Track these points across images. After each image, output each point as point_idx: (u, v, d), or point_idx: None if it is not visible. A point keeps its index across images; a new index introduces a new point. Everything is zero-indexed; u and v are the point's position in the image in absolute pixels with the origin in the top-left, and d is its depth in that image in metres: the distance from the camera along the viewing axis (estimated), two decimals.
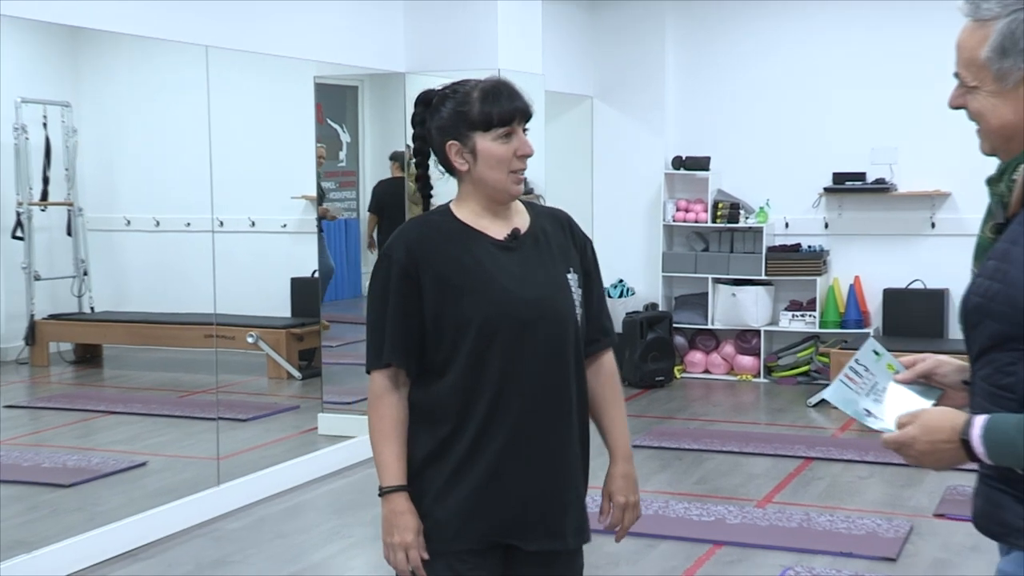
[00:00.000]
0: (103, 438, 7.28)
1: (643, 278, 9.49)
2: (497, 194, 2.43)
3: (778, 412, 8.11)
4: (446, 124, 2.41)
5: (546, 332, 2.40)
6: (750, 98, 9.26)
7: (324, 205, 8.43)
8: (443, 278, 2.37)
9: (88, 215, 9.14)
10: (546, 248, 2.48)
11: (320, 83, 7.74)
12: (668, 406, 8.33)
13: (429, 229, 2.43)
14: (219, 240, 8.92)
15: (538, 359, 2.39)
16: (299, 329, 8.71)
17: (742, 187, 9.24)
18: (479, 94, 2.39)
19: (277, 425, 7.55)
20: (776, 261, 8.97)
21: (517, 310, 2.37)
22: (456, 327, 2.36)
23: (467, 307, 2.36)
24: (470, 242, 2.42)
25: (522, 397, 2.38)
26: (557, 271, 2.46)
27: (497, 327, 2.36)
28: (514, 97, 2.39)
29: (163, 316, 8.86)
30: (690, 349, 9.35)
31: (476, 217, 2.45)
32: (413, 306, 2.38)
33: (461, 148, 2.40)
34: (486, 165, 2.39)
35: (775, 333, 9.15)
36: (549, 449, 2.42)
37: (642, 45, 9.42)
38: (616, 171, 9.57)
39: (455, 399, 2.38)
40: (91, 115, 9.14)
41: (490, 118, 2.37)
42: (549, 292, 2.43)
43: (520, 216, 2.50)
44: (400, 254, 2.40)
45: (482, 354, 2.36)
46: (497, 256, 2.42)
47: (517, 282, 2.40)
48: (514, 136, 2.39)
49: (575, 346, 2.46)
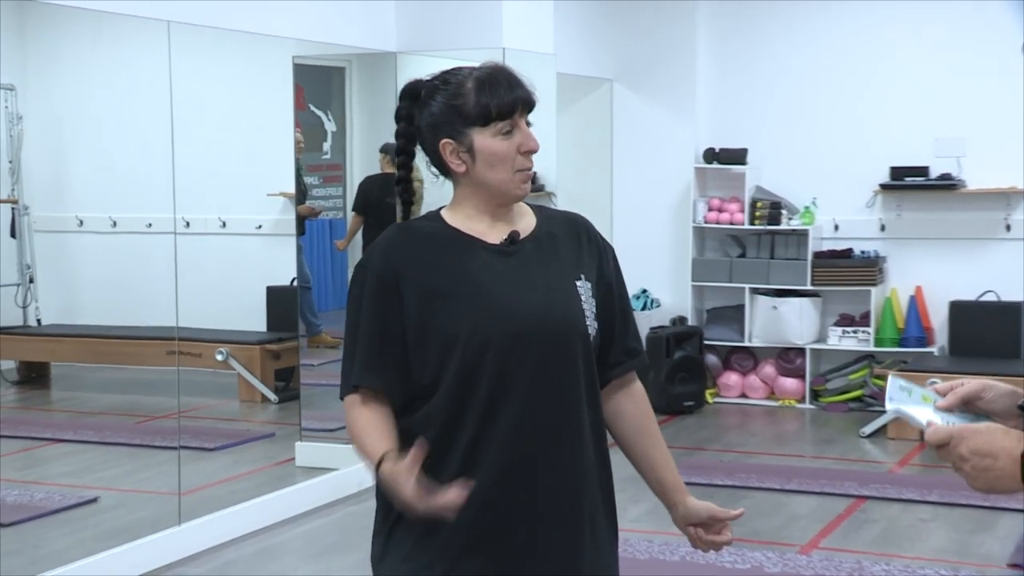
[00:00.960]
0: (49, 470, 7.25)
1: (670, 288, 9.46)
2: (501, 197, 2.40)
3: (826, 443, 8.07)
4: (438, 120, 2.37)
5: (548, 347, 2.35)
6: (794, 81, 9.22)
7: (307, 202, 8.40)
8: (426, 287, 2.34)
9: (35, 214, 9.11)
10: (550, 251, 2.44)
11: (301, 64, 7.73)
12: (699, 436, 8.29)
13: (412, 235, 2.40)
14: (184, 243, 8.91)
15: (538, 380, 2.33)
16: (275, 345, 8.69)
17: (784, 183, 9.21)
18: (474, 84, 2.35)
19: (248, 455, 7.53)
20: (824, 269, 8.94)
21: (512, 321, 2.33)
22: (442, 343, 2.32)
23: (454, 319, 2.32)
24: (460, 249, 2.38)
25: (515, 430, 2.32)
26: (563, 277, 2.42)
27: (489, 341, 2.31)
28: (514, 85, 2.36)
29: (120, 330, 8.84)
30: (724, 370, 9.32)
31: (470, 222, 2.41)
32: (391, 321, 2.34)
33: (457, 147, 2.37)
34: (486, 165, 2.36)
35: (823, 352, 9.10)
36: (556, 506, 2.35)
37: (669, 21, 9.40)
38: (639, 165, 9.54)
39: (437, 423, 2.32)
40: (39, 100, 9.11)
41: (488, 111, 2.33)
42: (551, 300, 2.38)
43: (524, 219, 2.47)
44: (377, 263, 2.37)
45: (472, 373, 2.31)
46: (491, 262, 2.38)
47: (513, 289, 2.36)
48: (516, 130, 2.36)
49: (586, 365, 2.40)
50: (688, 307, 9.36)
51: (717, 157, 9.25)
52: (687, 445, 8.00)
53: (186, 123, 8.16)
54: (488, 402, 2.32)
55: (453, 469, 2.31)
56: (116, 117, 9.13)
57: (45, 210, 9.19)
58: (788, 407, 9.06)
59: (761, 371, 9.23)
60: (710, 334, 9.27)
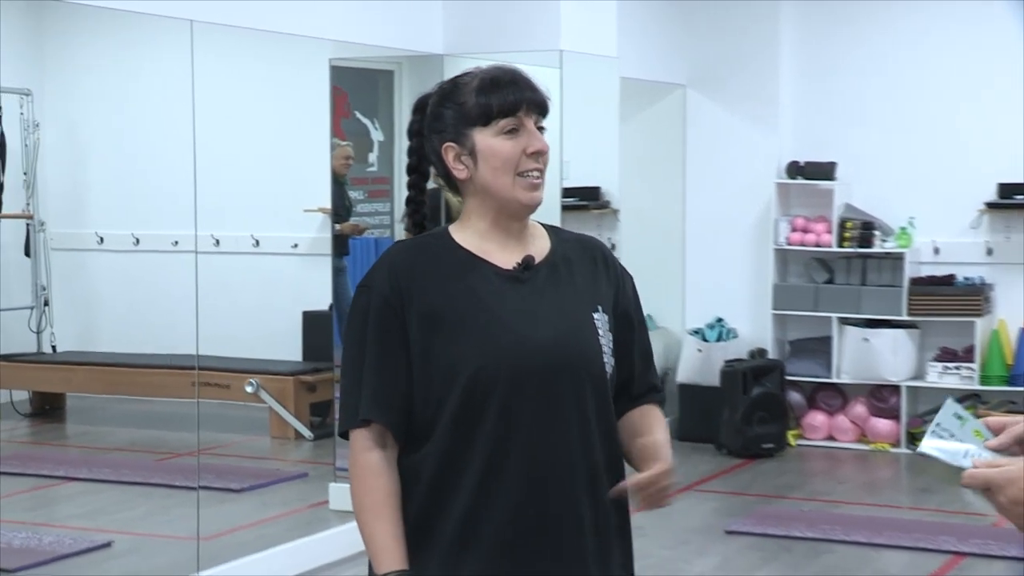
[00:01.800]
0: (60, 511, 7.35)
1: (748, 317, 9.44)
2: (506, 205, 2.43)
3: (922, 493, 8.00)
4: (441, 124, 2.44)
5: (561, 384, 2.38)
6: (889, 86, 9.18)
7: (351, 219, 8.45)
8: (431, 315, 2.38)
9: (51, 230, 9.27)
10: (567, 280, 2.47)
11: (344, 67, 7.79)
12: (778, 482, 8.24)
13: (419, 254, 2.44)
14: (213, 263, 9.05)
15: (548, 421, 2.37)
16: (311, 376, 8.76)
17: (877, 201, 9.15)
18: (477, 83, 2.42)
19: (278, 497, 7.58)
20: (922, 297, 8.88)
21: (523, 355, 2.36)
22: (445, 377, 2.36)
23: (459, 350, 2.36)
24: (468, 272, 2.42)
25: (523, 476, 2.36)
26: (579, 308, 2.45)
27: (496, 377, 2.35)
28: (520, 85, 2.42)
29: (142, 358, 8.95)
30: (809, 409, 9.27)
31: (480, 241, 2.45)
32: (397, 349, 2.38)
33: (459, 150, 2.42)
34: (488, 167, 2.41)
35: (920, 390, 9.03)
36: (571, 557, 2.39)
37: (749, 21, 9.39)
38: (715, 179, 9.54)
39: (437, 467, 2.37)
40: (56, 106, 9.28)
41: (489, 109, 2.39)
42: (564, 333, 2.41)
43: (538, 242, 2.50)
44: (382, 284, 2.40)
45: (475, 412, 2.35)
46: (501, 289, 2.41)
47: (524, 321, 2.39)
48: (522, 130, 2.41)
49: (600, 405, 2.43)
50: (768, 338, 9.31)
51: (802, 171, 9.22)
52: (764, 492, 7.95)
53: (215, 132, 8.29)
54: (494, 443, 2.35)
55: (458, 514, 2.36)
56: (140, 125, 9.27)
57: (62, 226, 9.35)
58: (880, 451, 8.98)
59: (850, 411, 9.16)
60: (793, 369, 9.21)
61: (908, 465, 8.71)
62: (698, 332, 9.43)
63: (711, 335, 9.36)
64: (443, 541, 2.36)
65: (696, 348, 9.33)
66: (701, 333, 9.42)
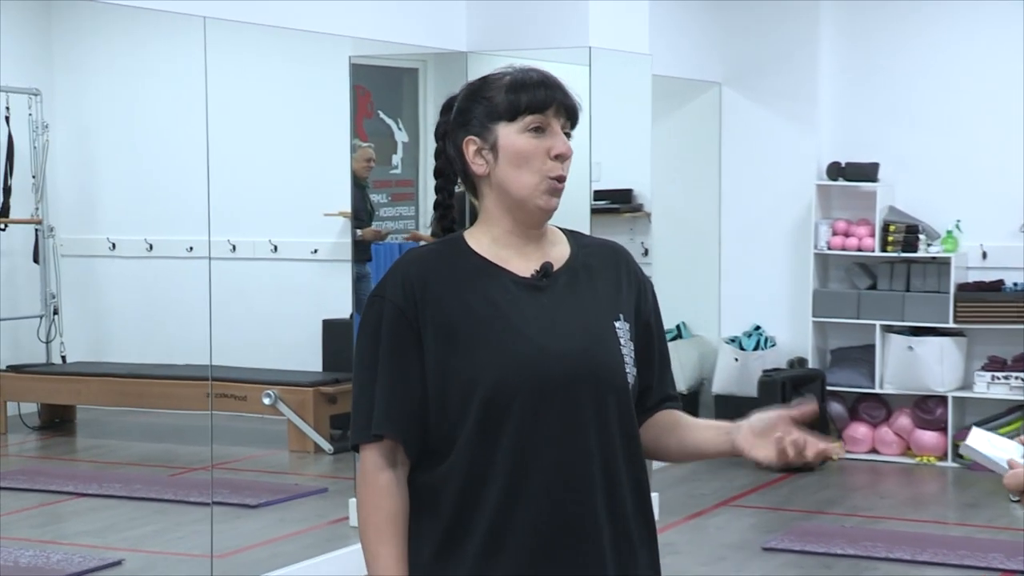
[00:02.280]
0: (69, 528, 7.36)
1: (787, 324, 9.42)
2: (522, 207, 2.42)
3: (970, 508, 7.97)
4: (465, 117, 2.44)
5: (582, 396, 2.38)
6: (933, 84, 9.16)
7: (374, 224, 8.45)
8: (447, 326, 2.37)
9: (61, 236, 9.29)
10: (587, 288, 2.47)
11: (366, 65, 7.79)
12: (818, 497, 8.22)
13: (433, 262, 2.43)
14: (229, 270, 9.06)
15: (571, 435, 2.36)
16: (331, 387, 8.76)
17: (922, 203, 9.13)
18: (508, 80, 2.42)
19: (296, 513, 7.59)
20: (969, 304, 8.85)
21: (543, 367, 2.36)
22: (463, 390, 2.35)
23: (477, 364, 2.35)
24: (484, 281, 2.41)
25: (546, 494, 2.36)
26: (600, 317, 2.45)
27: (516, 390, 2.34)
28: (552, 86, 2.42)
29: (155, 369, 8.96)
30: (851, 421, 9.24)
31: (496, 247, 2.45)
32: (412, 360, 2.38)
33: (481, 145, 2.42)
34: (509, 163, 2.40)
35: (968, 401, 9.00)
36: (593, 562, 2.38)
37: (788, 16, 9.38)
38: (752, 181, 9.52)
39: (458, 485, 2.36)
40: (66, 106, 9.31)
41: (517, 104, 2.39)
42: (586, 343, 2.41)
43: (557, 247, 2.50)
44: (395, 293, 2.40)
45: (495, 426, 2.34)
46: (519, 298, 2.41)
47: (544, 331, 2.39)
48: (548, 130, 2.41)
49: (624, 417, 2.43)
50: (808, 347, 9.29)
51: (843, 172, 9.19)
52: (804, 508, 7.93)
53: (231, 133, 8.30)
54: (516, 457, 2.35)
55: (479, 536, 2.35)
56: (153, 126, 9.29)
57: (72, 232, 9.37)
58: (926, 465, 8.95)
59: (894, 423, 9.12)
60: (834, 379, 9.19)
61: (954, 479, 8.67)
62: (735, 340, 9.41)
63: (748, 344, 9.33)
64: (467, 557, 2.36)
65: (732, 357, 9.30)
66: (738, 341, 9.39)
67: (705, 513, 7.77)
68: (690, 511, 7.74)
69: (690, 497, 8.14)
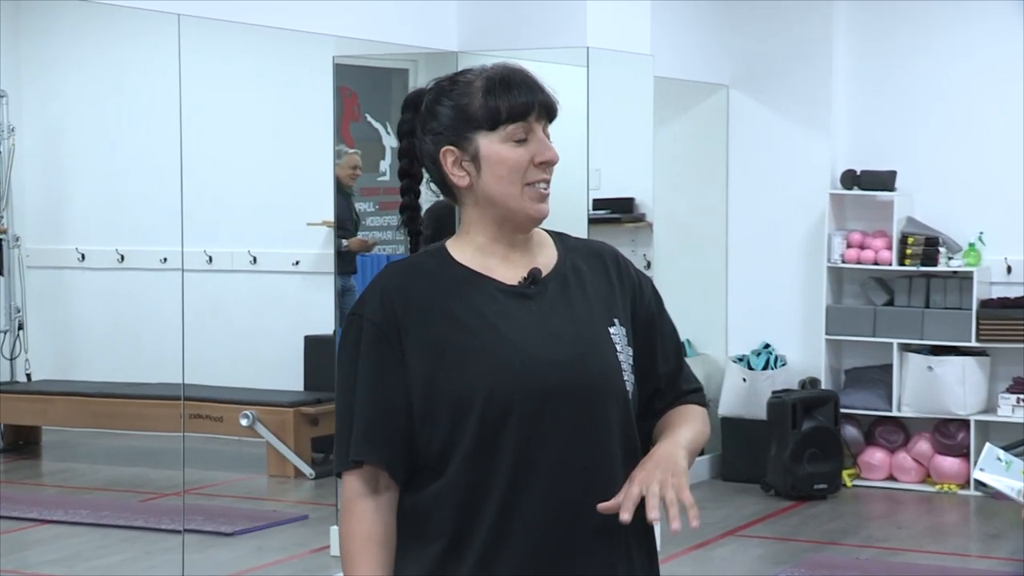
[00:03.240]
0: (33, 557, 7.35)
1: (798, 342, 9.43)
2: (511, 217, 2.45)
3: (993, 539, 7.98)
4: (440, 125, 2.46)
5: (581, 405, 2.41)
6: (954, 88, 9.17)
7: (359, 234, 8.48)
8: (432, 342, 2.40)
9: (27, 246, 9.32)
10: (578, 293, 2.49)
11: (351, 66, 7.82)
12: (831, 526, 8.22)
13: (414, 276, 2.46)
14: (206, 283, 9.10)
15: (569, 449, 2.39)
16: (313, 408, 8.78)
17: (943, 214, 9.14)
18: (483, 83, 2.44)
19: (275, 541, 7.59)
20: (993, 321, 8.86)
21: (538, 377, 2.39)
22: (453, 407, 2.38)
23: (467, 378, 2.38)
24: (470, 291, 2.44)
25: (544, 510, 2.39)
26: (593, 323, 2.48)
27: (512, 402, 2.37)
28: (532, 87, 2.44)
29: (125, 388, 8.97)
30: (867, 445, 9.24)
31: (480, 256, 2.47)
32: (394, 381, 2.41)
33: (460, 155, 2.44)
34: (492, 175, 2.43)
35: (991, 425, 8.99)
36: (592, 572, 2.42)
37: (800, 16, 9.38)
38: (761, 190, 9.53)
39: (452, 505, 2.40)
40: (33, 109, 9.35)
41: (497, 112, 2.41)
42: (580, 352, 2.44)
43: (544, 251, 2.52)
44: (373, 311, 2.43)
45: (493, 440, 2.38)
46: (507, 307, 2.44)
47: (535, 340, 2.42)
48: (531, 137, 2.43)
49: (623, 429, 2.46)
50: (821, 367, 9.29)
51: (858, 181, 9.20)
52: (816, 538, 7.93)
53: (208, 138, 8.33)
54: (512, 477, 2.38)
55: (472, 557, 2.39)
56: (126, 130, 9.32)
57: (39, 241, 9.39)
58: (947, 493, 8.95)
59: (913, 448, 9.13)
60: (849, 401, 9.19)
61: (977, 508, 8.67)
62: (742, 359, 9.42)
63: (757, 363, 9.34)
64: (466, 566, 2.40)
65: (740, 377, 9.31)
66: (746, 361, 9.40)
67: (709, 543, 7.78)
68: (693, 541, 7.74)
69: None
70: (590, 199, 7.38)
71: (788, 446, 8.76)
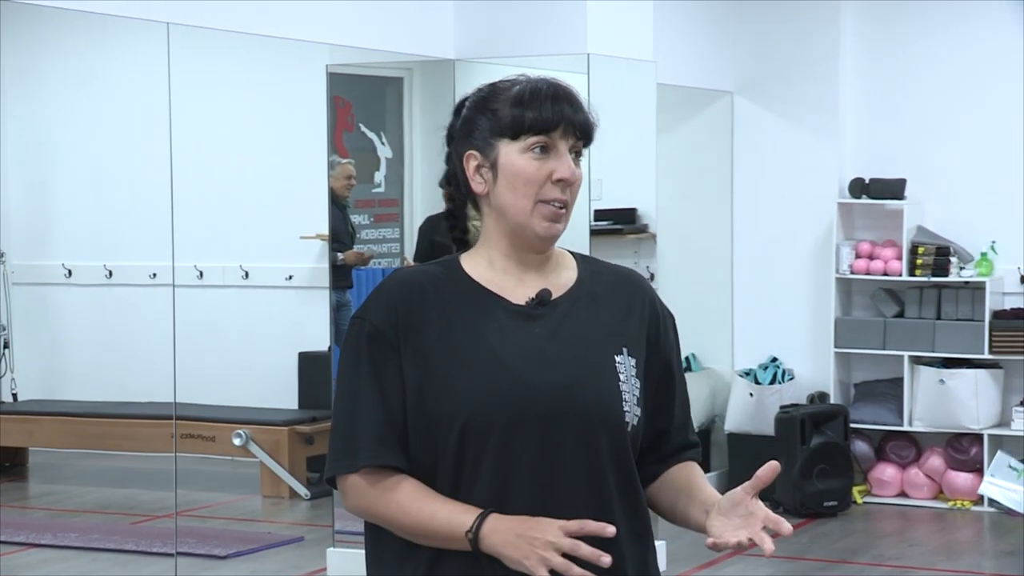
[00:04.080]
0: None
1: (806, 356, 9.42)
2: (522, 232, 2.43)
3: (1007, 556, 7.96)
4: (469, 128, 2.46)
5: (565, 433, 2.38)
6: (965, 94, 9.17)
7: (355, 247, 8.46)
8: (425, 355, 2.39)
9: (12, 262, 9.31)
10: (588, 317, 2.47)
11: (345, 74, 7.82)
12: (842, 544, 8.21)
13: (422, 285, 2.45)
14: (197, 298, 9.09)
15: (553, 475, 2.37)
16: (308, 427, 8.77)
17: (954, 223, 9.14)
18: (517, 91, 2.43)
19: (270, 564, 7.57)
20: (1006, 332, 8.85)
21: (520, 401, 2.37)
22: (436, 425, 2.37)
23: (452, 397, 2.37)
24: (473, 308, 2.43)
25: None
26: (599, 349, 2.45)
27: (490, 426, 2.35)
28: (562, 101, 2.42)
29: (114, 408, 8.97)
30: (877, 461, 9.24)
31: (492, 272, 2.46)
32: (394, 386, 2.40)
33: (482, 161, 2.44)
34: (507, 185, 2.42)
35: (1006, 439, 8.95)
36: None
37: (806, 22, 9.38)
38: (767, 199, 9.53)
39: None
40: (18, 120, 9.34)
41: (521, 121, 2.40)
42: (575, 378, 2.41)
43: (562, 274, 2.51)
44: (376, 315, 2.42)
45: (473, 461, 2.36)
46: (508, 327, 2.42)
47: (529, 363, 2.40)
48: (553, 152, 2.41)
49: (618, 462, 2.43)
50: (830, 380, 9.28)
51: (867, 190, 9.20)
52: (826, 557, 7.92)
53: (198, 150, 8.32)
54: (492, 500, 2.35)
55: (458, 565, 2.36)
56: (113, 142, 9.31)
57: (24, 257, 9.38)
58: (960, 510, 8.92)
59: (925, 463, 9.11)
60: (858, 415, 9.18)
61: (991, 525, 8.65)
62: (749, 374, 9.41)
63: (764, 377, 9.33)
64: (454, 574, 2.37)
65: (747, 392, 9.30)
66: (753, 375, 9.40)
67: (717, 563, 7.77)
68: (700, 561, 7.73)
69: (700, 546, 8.02)
70: (591, 210, 7.38)
71: (797, 462, 8.75)
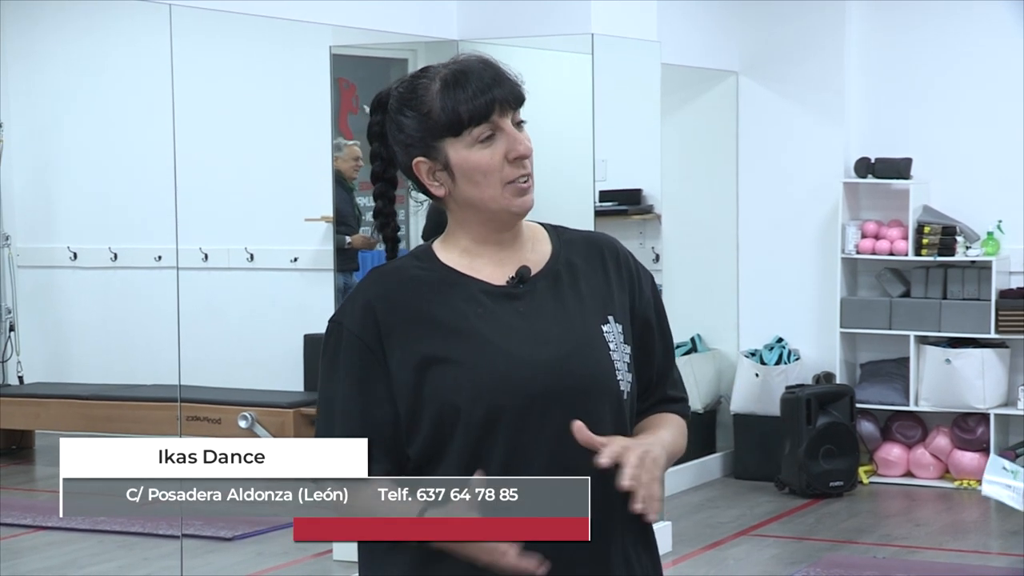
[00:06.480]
0: (26, 564, 7.36)
1: (812, 336, 9.44)
2: (496, 216, 2.45)
3: (1013, 536, 7.98)
4: (407, 136, 2.44)
5: (573, 407, 2.39)
6: (972, 73, 9.17)
7: (361, 230, 8.50)
8: (415, 349, 2.40)
9: (17, 245, 9.32)
10: (570, 290, 2.48)
11: (349, 56, 7.82)
12: (847, 525, 8.24)
13: (397, 281, 2.46)
14: (202, 281, 9.10)
15: (561, 455, 2.38)
16: (314, 408, 8.76)
17: (960, 202, 9.15)
18: (439, 85, 2.41)
19: (275, 546, 7.57)
20: (1013, 312, 8.87)
21: (525, 381, 2.38)
22: (439, 415, 2.38)
23: (451, 386, 2.38)
24: (454, 294, 2.44)
25: None
26: (585, 322, 2.46)
27: (500, 409, 2.37)
28: (488, 82, 2.40)
29: (120, 390, 8.97)
30: (883, 441, 9.26)
31: (467, 257, 2.47)
32: (378, 394, 2.41)
33: (432, 165, 2.43)
34: (468, 182, 2.42)
35: (1012, 419, 9.02)
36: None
37: (811, 1, 9.37)
38: (773, 179, 9.54)
39: None
40: (21, 104, 9.34)
41: (457, 117, 2.39)
42: (568, 352, 2.42)
43: (537, 247, 2.52)
44: (354, 321, 2.43)
45: (482, 447, 2.37)
46: (492, 309, 2.43)
47: (520, 342, 2.41)
48: (499, 134, 2.41)
49: (620, 426, 2.45)
50: (836, 361, 9.30)
51: (873, 169, 9.21)
52: (832, 537, 7.94)
53: (202, 132, 8.32)
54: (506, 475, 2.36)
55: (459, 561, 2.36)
56: (117, 125, 9.31)
57: (29, 240, 9.39)
58: (966, 489, 8.96)
59: (931, 443, 9.14)
60: (864, 395, 9.20)
61: (998, 505, 8.63)
62: (755, 354, 9.42)
63: (770, 358, 9.34)
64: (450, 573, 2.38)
65: (753, 372, 9.31)
66: (758, 355, 9.40)
67: (723, 544, 7.79)
68: (706, 542, 7.76)
69: (706, 526, 8.16)
70: (596, 191, 7.38)
71: (803, 443, 8.77)
